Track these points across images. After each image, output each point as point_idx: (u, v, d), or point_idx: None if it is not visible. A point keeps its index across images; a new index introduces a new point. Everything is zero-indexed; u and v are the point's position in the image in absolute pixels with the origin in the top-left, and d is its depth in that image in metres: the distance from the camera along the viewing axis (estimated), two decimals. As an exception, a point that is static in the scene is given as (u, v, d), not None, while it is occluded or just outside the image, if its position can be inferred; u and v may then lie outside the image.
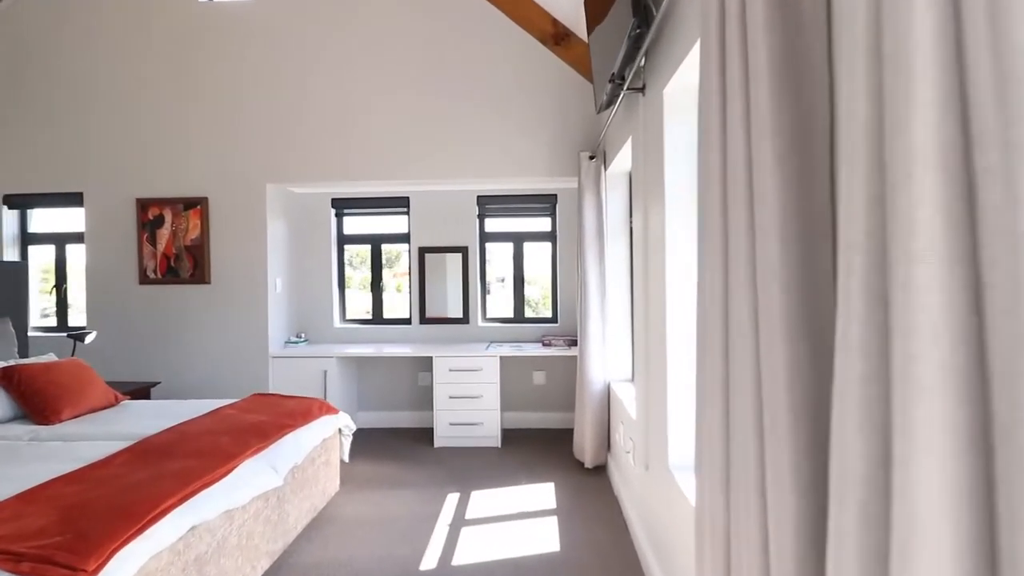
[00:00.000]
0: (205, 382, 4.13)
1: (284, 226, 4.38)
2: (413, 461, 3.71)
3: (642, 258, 2.40)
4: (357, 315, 4.75)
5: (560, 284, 4.46)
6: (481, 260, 4.55)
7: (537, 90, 3.97)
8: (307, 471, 2.64)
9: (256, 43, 4.07)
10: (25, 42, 4.19)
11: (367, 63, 4.04)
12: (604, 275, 3.45)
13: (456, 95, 4.00)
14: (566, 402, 4.40)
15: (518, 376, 4.44)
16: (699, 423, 1.09)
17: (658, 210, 2.10)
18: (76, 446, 2.21)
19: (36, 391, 2.63)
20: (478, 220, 4.53)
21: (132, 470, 1.90)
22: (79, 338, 3.60)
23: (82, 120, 4.17)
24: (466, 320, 4.52)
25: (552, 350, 4.02)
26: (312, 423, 2.72)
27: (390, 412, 4.54)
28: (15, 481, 1.82)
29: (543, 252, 4.58)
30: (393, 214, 4.66)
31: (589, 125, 3.93)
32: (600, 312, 3.44)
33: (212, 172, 4.11)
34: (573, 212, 4.38)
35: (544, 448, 3.93)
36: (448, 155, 4.01)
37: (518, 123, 3.98)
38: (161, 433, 2.28)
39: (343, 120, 4.05)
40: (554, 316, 4.53)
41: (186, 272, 4.14)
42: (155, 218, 4.14)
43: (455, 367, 3.93)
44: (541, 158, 3.98)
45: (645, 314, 2.34)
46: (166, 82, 4.12)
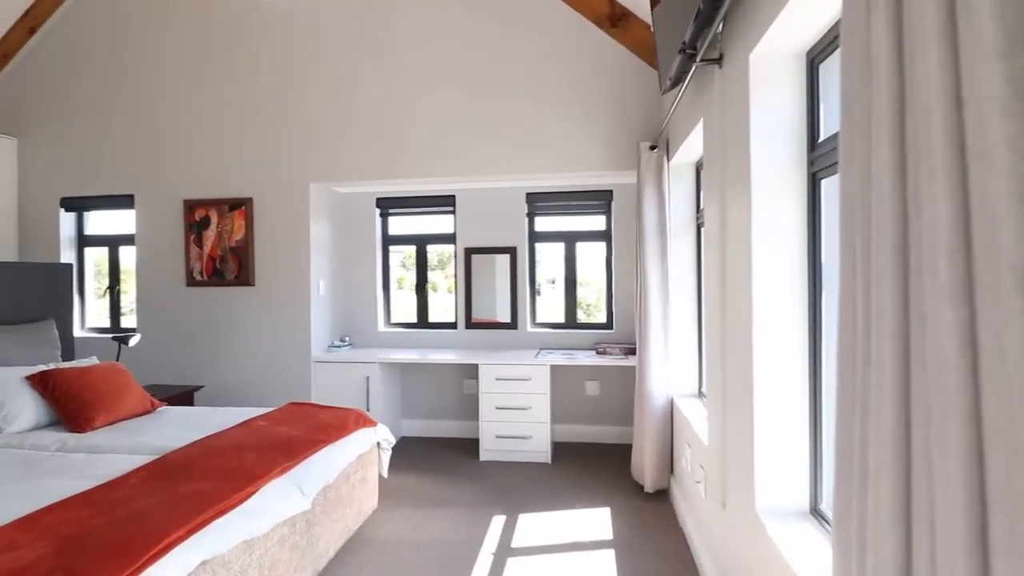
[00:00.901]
0: (248, 386, 4.04)
1: (328, 227, 4.25)
2: (457, 476, 3.47)
3: (716, 258, 2.05)
4: (402, 318, 4.57)
5: (615, 287, 4.12)
6: (530, 261, 4.28)
7: (592, 77, 3.65)
8: (340, 490, 2.43)
9: (299, 42, 3.96)
10: (80, 51, 4.25)
11: (411, 58, 3.84)
12: (667, 277, 3.10)
13: (504, 86, 3.74)
14: (622, 416, 4.05)
15: (569, 386, 4.13)
16: (843, 464, 0.77)
17: (740, 202, 1.76)
18: (98, 460, 2.08)
19: (71, 397, 2.54)
20: (527, 219, 4.26)
21: (145, 492, 1.73)
22: (124, 341, 3.57)
23: (133, 123, 4.17)
24: (514, 325, 4.25)
25: (607, 359, 3.69)
26: (347, 438, 2.52)
27: (434, 421, 4.33)
28: (24, 500, 1.68)
29: (597, 253, 4.25)
30: (438, 213, 4.45)
31: (650, 113, 3.59)
32: (662, 318, 3.09)
33: (256, 172, 4.02)
34: (630, 209, 4.03)
35: (598, 466, 3.60)
36: (496, 150, 3.76)
37: (571, 114, 3.68)
38: (184, 448, 2.13)
39: (387, 117, 3.88)
40: (609, 322, 4.19)
41: (231, 274, 4.07)
42: (201, 219, 4.09)
43: (502, 376, 3.67)
44: (596, 151, 3.67)
45: (721, 322, 1.99)
46: (212, 83, 4.06)
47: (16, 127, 4.33)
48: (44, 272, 3.20)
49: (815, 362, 1.60)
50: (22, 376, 2.58)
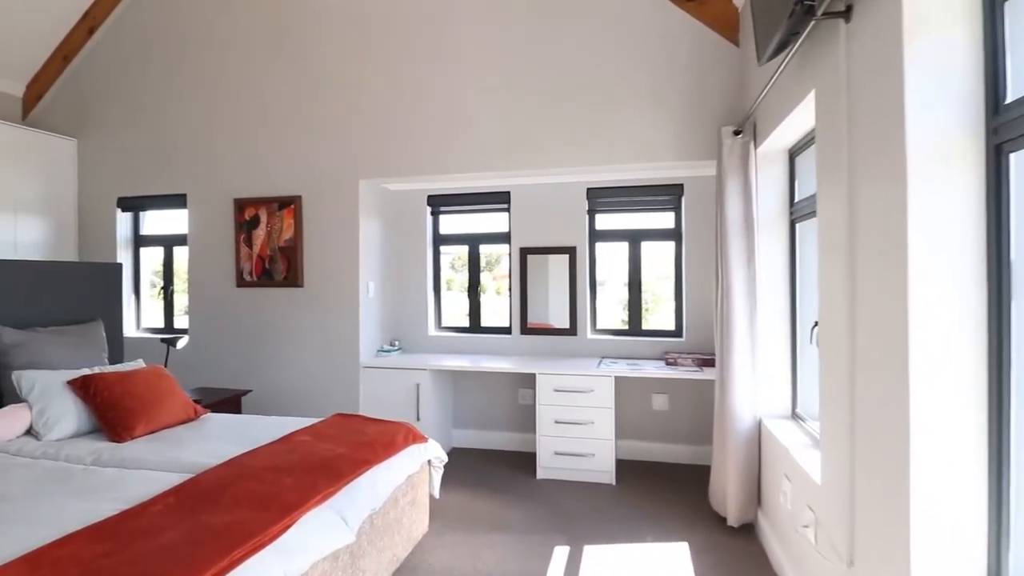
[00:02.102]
0: (295, 391, 3.90)
1: (378, 226, 4.06)
2: (513, 495, 3.18)
3: (839, 257, 1.67)
4: (453, 321, 4.34)
5: (687, 291, 3.73)
6: (591, 262, 3.94)
7: (663, 58, 3.29)
8: (388, 515, 2.19)
9: (352, 39, 3.79)
10: (135, 52, 4.23)
11: (466, 47, 3.60)
12: (754, 280, 2.71)
13: (564, 72, 3.44)
14: (694, 434, 3.66)
15: (635, 399, 3.77)
16: None
17: (883, 186, 1.39)
18: (129, 478, 1.91)
19: (112, 404, 2.42)
20: (588, 216, 3.93)
21: (170, 522, 1.53)
22: (172, 343, 3.48)
23: (186, 121, 4.12)
24: (573, 331, 3.93)
25: (678, 371, 3.31)
26: (395, 457, 2.27)
27: (487, 432, 4.06)
28: (41, 526, 1.51)
29: (665, 253, 3.88)
30: (492, 211, 4.19)
31: (731, 95, 3.20)
32: (748, 328, 2.71)
33: (305, 169, 3.88)
34: (705, 203, 3.64)
35: (669, 490, 3.24)
36: (555, 141, 3.46)
37: (639, 99, 3.33)
38: (218, 468, 1.93)
39: (441, 109, 3.64)
40: (678, 329, 3.80)
41: (280, 274, 3.94)
42: (251, 219, 3.98)
43: (561, 386, 3.36)
44: (666, 140, 3.31)
45: (848, 336, 1.62)
46: (264, 80, 3.95)
47: (76, 128, 4.36)
48: (95, 272, 3.14)
49: (1000, 390, 1.21)
50: (64, 380, 2.47)
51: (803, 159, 2.61)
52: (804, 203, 2.52)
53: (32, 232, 4.02)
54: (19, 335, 2.59)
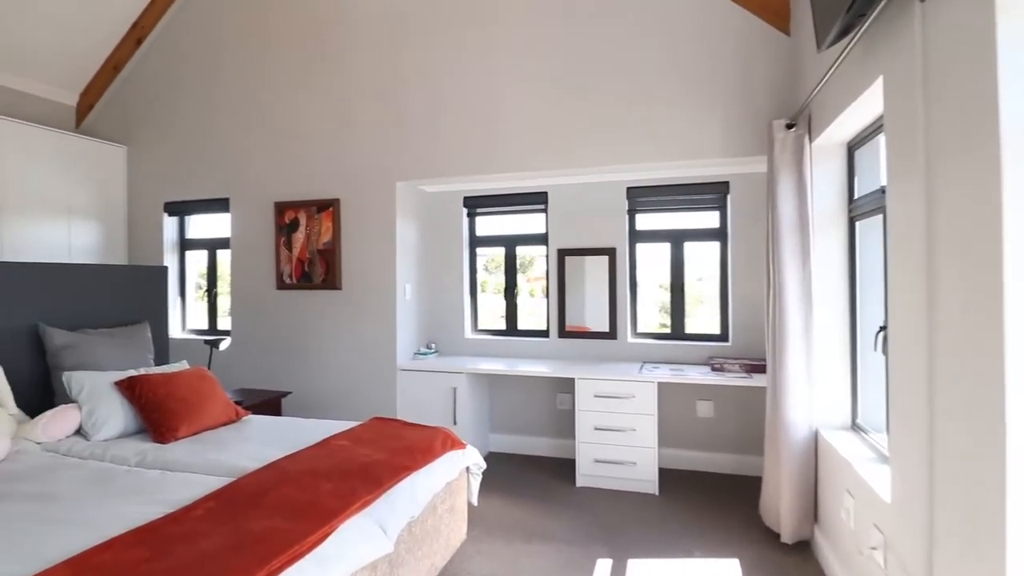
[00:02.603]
0: (334, 393, 3.91)
1: (414, 228, 4.04)
2: (552, 503, 3.10)
3: (914, 257, 1.53)
4: (489, 324, 4.28)
5: (732, 293, 3.57)
6: (631, 264, 3.83)
7: (706, 50, 3.16)
8: (426, 523, 2.14)
9: (389, 40, 3.78)
10: (180, 60, 4.33)
11: (501, 45, 3.54)
12: (809, 282, 2.56)
13: (603, 69, 3.34)
14: (740, 442, 3.50)
15: (678, 405, 3.63)
16: None
17: (970, 179, 1.26)
18: (171, 480, 1.92)
19: (156, 405, 2.45)
20: (628, 216, 3.82)
21: (210, 527, 1.51)
22: (215, 344, 3.53)
23: (229, 126, 4.19)
24: (612, 335, 3.82)
25: (724, 377, 3.16)
26: (434, 463, 2.22)
27: (524, 437, 3.99)
28: (86, 529, 1.51)
29: (709, 254, 3.73)
30: (529, 212, 4.12)
31: (781, 87, 3.04)
32: (803, 332, 2.55)
33: (343, 172, 3.89)
34: (752, 202, 3.48)
35: (716, 502, 3.09)
36: (594, 140, 3.37)
37: (681, 94, 3.21)
38: (258, 471, 1.91)
39: (475, 109, 3.60)
40: (723, 333, 3.65)
41: (319, 277, 3.96)
42: (291, 222, 4.02)
43: (602, 392, 3.26)
44: (711, 135, 3.17)
45: (924, 344, 1.48)
46: (303, 83, 3.98)
47: (126, 135, 4.50)
48: (142, 275, 3.21)
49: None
50: (112, 381, 2.51)
51: (864, 153, 2.45)
52: (866, 199, 2.36)
53: (85, 236, 4.16)
54: (70, 336, 2.65)
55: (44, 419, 2.32)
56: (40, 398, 2.61)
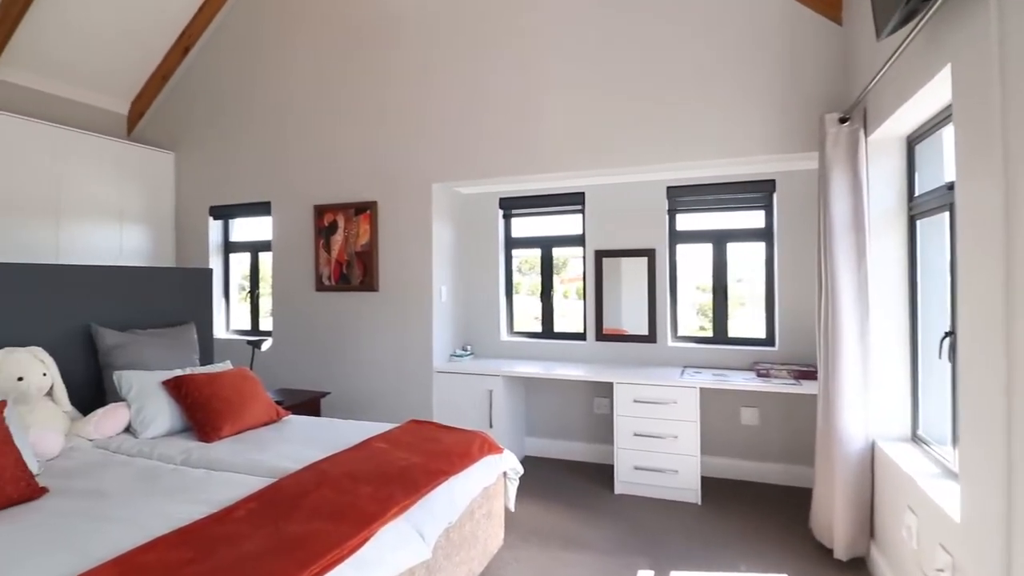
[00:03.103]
0: (371, 394, 3.94)
1: (450, 230, 4.04)
2: (590, 510, 3.03)
3: (991, 258, 1.42)
4: (523, 326, 4.24)
5: (779, 296, 3.43)
6: (671, 265, 3.72)
7: (753, 41, 3.05)
8: (464, 529, 2.11)
9: (424, 43, 3.80)
10: (224, 68, 4.45)
11: (537, 44, 3.50)
12: (865, 285, 2.42)
13: (642, 65, 3.26)
14: (787, 451, 3.36)
15: (721, 412, 3.51)
16: None
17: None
18: (215, 479, 1.95)
19: (200, 404, 2.50)
20: (668, 216, 3.72)
21: (251, 529, 1.51)
22: (256, 345, 3.60)
23: (270, 132, 4.28)
24: (652, 338, 3.72)
25: (771, 383, 3.03)
26: (471, 468, 2.19)
27: (561, 441, 3.93)
28: (132, 527, 1.54)
29: (754, 255, 3.59)
30: (565, 213, 4.06)
31: (833, 79, 2.90)
32: (858, 338, 2.42)
33: (381, 175, 3.92)
34: (800, 200, 3.34)
35: (762, 513, 2.97)
36: (633, 138, 3.29)
37: (724, 88, 3.10)
38: (298, 472, 1.92)
39: (511, 109, 3.57)
40: (769, 338, 3.51)
41: (356, 279, 4.00)
42: (330, 224, 4.07)
43: (641, 397, 3.17)
44: (756, 131, 3.05)
45: (1004, 349, 1.36)
46: (340, 88, 4.03)
47: (173, 142, 4.65)
48: (188, 277, 3.29)
49: None
50: (159, 381, 2.58)
51: (926, 147, 2.30)
52: (928, 196, 2.22)
53: (135, 239, 4.32)
54: (120, 337, 2.74)
55: (96, 417, 2.40)
56: (92, 396, 2.70)
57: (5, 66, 3.80)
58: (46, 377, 2.34)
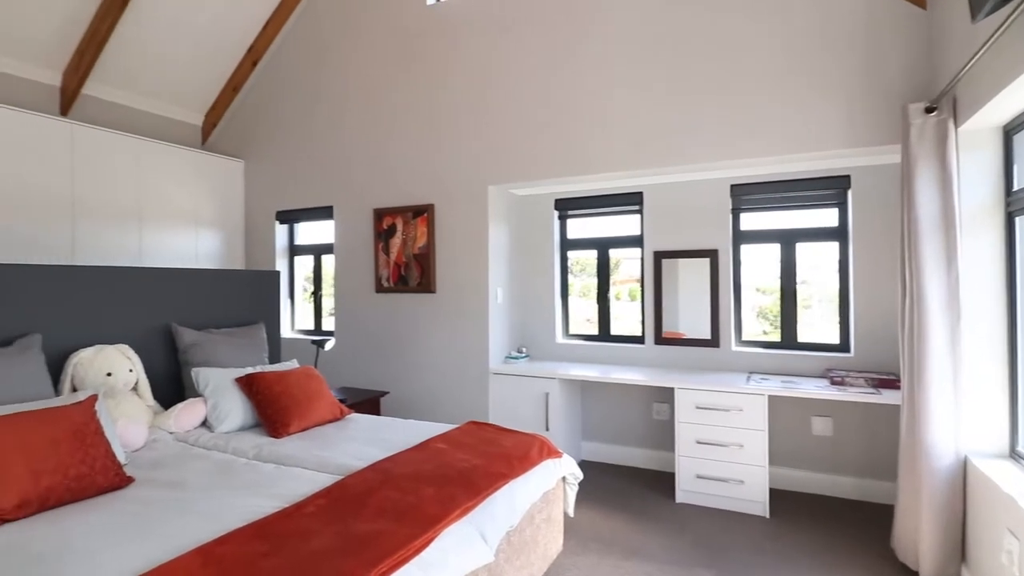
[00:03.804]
0: (428, 394, 3.99)
1: (506, 232, 4.04)
2: (650, 518, 2.95)
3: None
4: (575, 328, 4.19)
5: (855, 299, 3.23)
6: (735, 267, 3.58)
7: (826, 29, 2.89)
8: (524, 532, 2.09)
9: (479, 45, 3.82)
10: (288, 78, 4.63)
11: (594, 43, 3.45)
12: (955, 288, 2.24)
13: (705, 58, 3.15)
14: (864, 464, 3.16)
15: (790, 421, 3.34)
16: None
17: None
18: (285, 475, 2.01)
19: (270, 401, 2.60)
20: (732, 215, 3.58)
21: (320, 525, 1.55)
22: (320, 344, 3.72)
23: (332, 139, 4.42)
24: (714, 342, 3.59)
25: (846, 392, 2.86)
26: (531, 471, 2.18)
27: (618, 447, 3.85)
28: (210, 519, 1.61)
29: (826, 255, 3.40)
30: (623, 214, 3.98)
31: (916, 67, 2.71)
32: (949, 344, 2.24)
33: (438, 178, 3.97)
34: (879, 197, 3.14)
35: (837, 529, 2.80)
36: (696, 135, 3.19)
37: (796, 81, 2.95)
38: (363, 471, 1.96)
39: (568, 109, 3.53)
40: (843, 343, 3.31)
41: (414, 281, 4.07)
42: (388, 227, 4.16)
43: (704, 403, 3.06)
44: (830, 124, 2.89)
45: None
46: (399, 93, 4.11)
47: (243, 150, 4.88)
48: (257, 279, 3.44)
49: None
50: (232, 378, 2.70)
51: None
52: (1031, 191, 2.03)
53: (209, 243, 4.56)
54: (197, 335, 2.89)
55: (176, 411, 2.53)
56: (172, 391, 2.86)
57: (94, 83, 4.10)
58: (132, 373, 2.50)
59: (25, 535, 1.53)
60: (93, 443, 1.87)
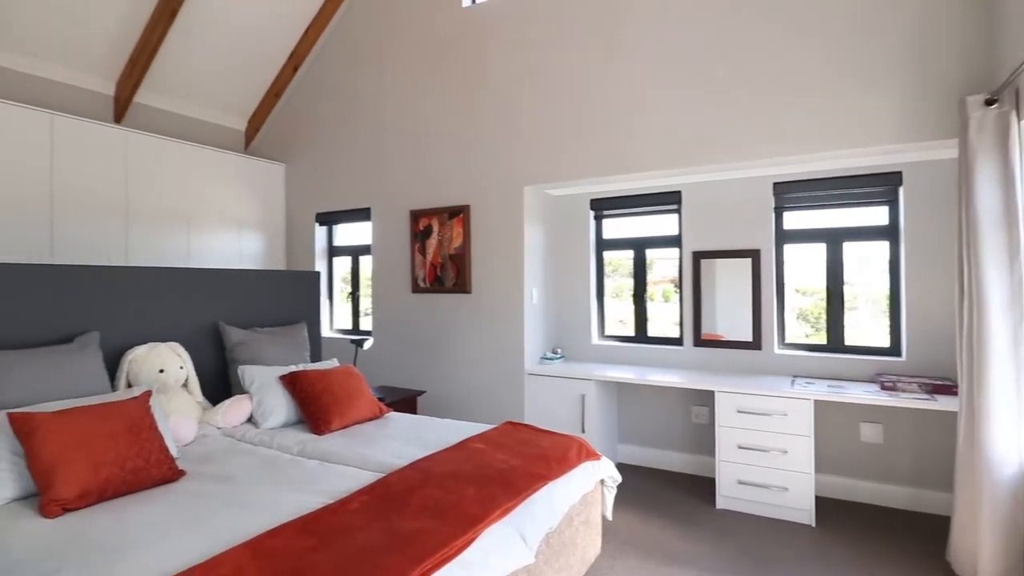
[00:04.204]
0: (464, 394, 4.02)
1: (541, 232, 4.03)
2: (690, 524, 2.89)
3: None
4: (611, 330, 4.14)
5: (906, 301, 3.10)
6: (778, 267, 3.48)
7: (874, 17, 2.78)
8: (563, 535, 2.08)
9: (513, 45, 3.83)
10: (327, 83, 4.73)
11: (630, 39, 3.41)
12: (1019, 288, 2.13)
13: (746, 53, 3.08)
14: (918, 473, 3.02)
15: (837, 427, 3.23)
16: None
17: None
18: (329, 471, 2.05)
19: (312, 399, 2.65)
20: (774, 214, 3.48)
21: (365, 522, 1.57)
22: (359, 344, 3.78)
23: (370, 141, 4.49)
24: (756, 345, 3.50)
25: (899, 398, 2.74)
26: (570, 473, 2.16)
27: (655, 450, 3.79)
28: (257, 513, 1.65)
29: (875, 255, 3.28)
30: (660, 213, 3.92)
31: (973, 56, 2.58)
32: (1012, 349, 2.13)
33: (473, 179, 3.99)
34: (934, 194, 3.01)
35: (888, 540, 2.69)
36: (738, 133, 3.11)
37: (844, 73, 2.86)
38: (404, 469, 1.98)
39: (605, 108, 3.50)
40: (894, 346, 3.18)
41: (450, 281, 4.10)
42: (425, 228, 4.21)
43: (746, 407, 2.99)
44: (880, 117, 2.78)
45: None
46: (434, 96, 4.15)
47: (284, 154, 5.01)
48: (298, 279, 3.52)
49: None
50: (277, 376, 2.77)
51: (1101, 128, 1.98)
52: (1105, 186, 1.91)
53: (252, 244, 4.69)
54: (243, 334, 2.97)
55: (223, 407, 2.61)
56: (219, 388, 2.95)
57: (145, 91, 4.27)
58: (182, 370, 2.59)
59: (86, 524, 1.61)
60: (148, 437, 1.94)
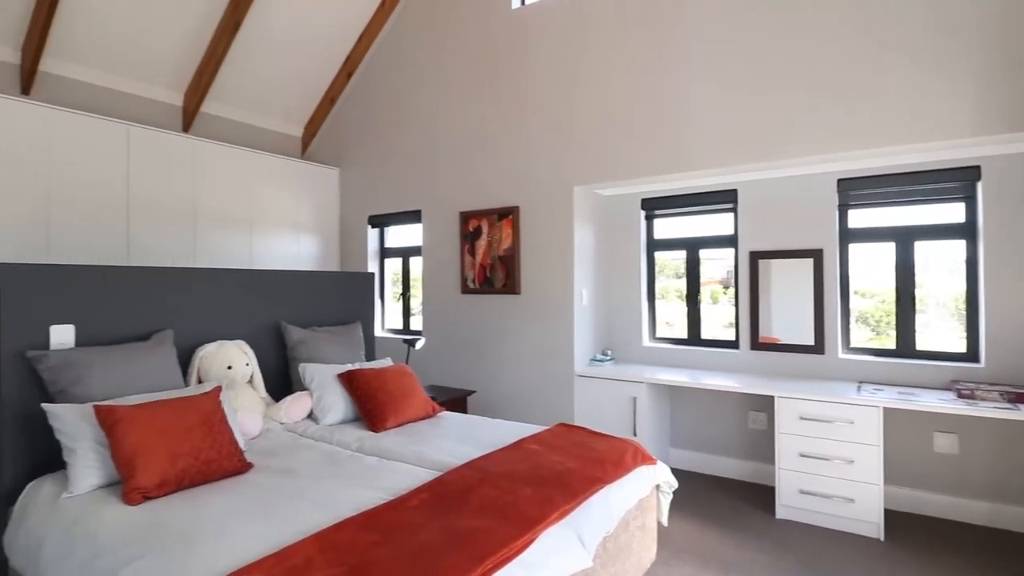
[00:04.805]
0: (513, 395, 4.02)
1: (591, 233, 4.00)
2: (748, 533, 2.80)
3: None
4: (664, 331, 4.06)
5: (985, 304, 2.91)
6: (842, 268, 3.33)
7: (951, 2, 2.62)
8: (619, 539, 2.05)
9: (564, 45, 3.81)
10: (379, 88, 4.84)
11: (682, 35, 3.33)
12: (1122, 291, 1.95)
13: (809, 45, 2.96)
14: (1000, 488, 2.83)
15: (907, 437, 3.06)
16: None
17: None
18: (387, 468, 2.09)
19: (369, 396, 2.72)
20: (838, 212, 3.33)
21: (425, 519, 1.60)
22: (411, 343, 3.85)
23: (421, 145, 4.57)
24: (819, 349, 3.36)
25: (978, 407, 2.57)
26: (626, 477, 2.13)
27: (709, 456, 3.69)
28: (321, 507, 1.71)
29: (951, 254, 3.09)
30: (714, 212, 3.82)
31: (1066, 43, 2.40)
32: (1113, 356, 1.95)
33: (523, 180, 4.00)
34: (1015, 189, 2.81)
35: (962, 555, 2.53)
36: (799, 128, 3.00)
37: (917, 62, 2.70)
38: (460, 468, 2.00)
39: (656, 107, 3.44)
40: (972, 352, 2.99)
41: (499, 282, 4.12)
42: (474, 230, 4.24)
43: (809, 414, 2.87)
44: (954, 110, 2.62)
45: None
46: (483, 97, 4.18)
47: (338, 159, 5.16)
48: (353, 280, 3.61)
49: None
50: (335, 374, 2.85)
51: None
52: None
53: (308, 247, 4.86)
54: (302, 333, 3.07)
55: (286, 403, 2.71)
56: (281, 384, 3.07)
57: (210, 101, 4.48)
58: (248, 367, 2.70)
59: (164, 512, 1.69)
60: (219, 430, 2.04)
